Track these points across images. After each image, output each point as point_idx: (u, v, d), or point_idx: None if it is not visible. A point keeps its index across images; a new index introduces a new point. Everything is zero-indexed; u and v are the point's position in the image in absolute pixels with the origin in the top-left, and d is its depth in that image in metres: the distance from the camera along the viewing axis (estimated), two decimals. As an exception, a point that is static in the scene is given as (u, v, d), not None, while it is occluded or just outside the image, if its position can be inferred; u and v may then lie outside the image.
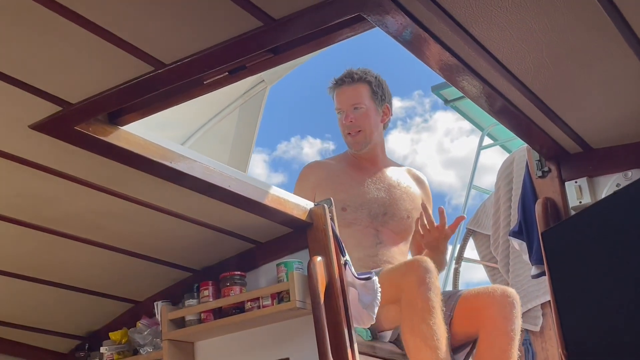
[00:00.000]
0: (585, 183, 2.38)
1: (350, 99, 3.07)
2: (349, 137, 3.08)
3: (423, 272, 2.48)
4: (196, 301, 2.63)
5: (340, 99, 3.09)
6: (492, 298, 2.58)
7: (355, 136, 3.06)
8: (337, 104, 3.10)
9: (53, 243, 2.41)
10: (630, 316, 1.80)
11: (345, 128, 3.08)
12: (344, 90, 3.09)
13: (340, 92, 3.09)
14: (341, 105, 3.08)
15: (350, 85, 3.08)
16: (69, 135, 1.89)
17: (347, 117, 3.05)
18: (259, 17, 1.57)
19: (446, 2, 1.60)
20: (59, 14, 1.50)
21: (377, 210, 2.97)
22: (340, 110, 3.09)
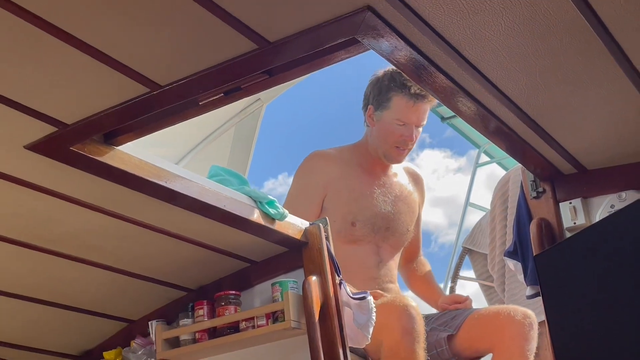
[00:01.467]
0: (579, 204, 2.38)
1: (422, 117, 2.93)
2: (396, 150, 2.95)
3: (407, 321, 2.48)
4: (191, 320, 2.62)
5: (412, 113, 2.90)
6: (513, 318, 2.60)
7: (404, 152, 2.96)
8: (405, 117, 2.91)
9: (47, 262, 2.41)
10: (623, 339, 1.80)
11: (401, 142, 2.93)
12: (420, 107, 2.91)
13: (416, 108, 2.89)
14: (410, 119, 2.91)
15: (426, 103, 2.92)
16: (65, 156, 1.90)
17: (411, 135, 2.91)
18: (254, 39, 1.58)
19: (440, 25, 1.61)
20: (54, 35, 1.51)
21: (380, 224, 2.94)
22: (404, 123, 2.91)
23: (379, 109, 2.95)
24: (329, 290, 2.42)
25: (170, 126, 1.96)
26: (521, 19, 1.61)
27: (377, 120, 2.96)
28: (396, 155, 2.97)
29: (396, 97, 2.91)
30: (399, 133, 2.92)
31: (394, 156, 2.98)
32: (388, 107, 2.93)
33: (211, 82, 1.71)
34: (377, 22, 1.55)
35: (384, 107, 2.94)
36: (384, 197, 2.98)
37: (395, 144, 2.94)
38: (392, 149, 2.95)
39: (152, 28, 1.54)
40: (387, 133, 2.94)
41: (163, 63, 1.65)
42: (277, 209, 2.40)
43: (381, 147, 2.97)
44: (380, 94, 2.95)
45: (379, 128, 2.96)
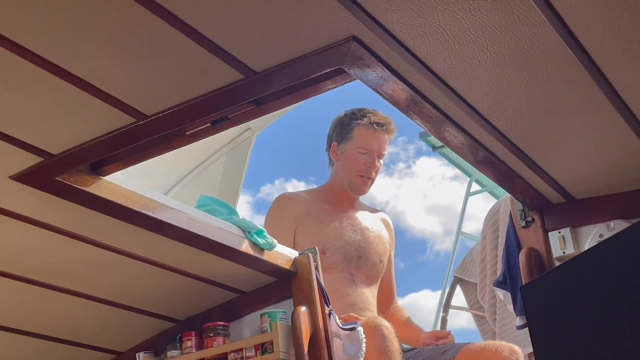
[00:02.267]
0: (568, 233, 2.38)
1: (382, 146, 3.06)
2: (361, 179, 3.06)
3: (382, 341, 2.49)
4: (179, 352, 2.59)
5: (373, 142, 3.03)
6: (499, 354, 2.60)
7: (367, 181, 3.06)
8: (366, 145, 3.04)
9: (33, 293, 2.38)
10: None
11: (364, 171, 3.04)
12: (381, 136, 3.05)
13: (376, 135, 3.03)
14: (371, 148, 3.03)
15: (386, 132, 3.05)
16: (51, 186, 1.89)
17: (374, 162, 3.03)
18: (240, 70, 1.58)
19: (426, 56, 1.62)
20: (40, 66, 1.51)
21: (352, 253, 2.99)
22: (367, 152, 3.03)
23: (342, 142, 3.08)
24: (318, 321, 2.40)
25: (158, 156, 1.95)
26: (506, 49, 1.62)
27: (341, 154, 3.09)
28: (361, 184, 3.06)
29: (357, 127, 3.05)
30: (362, 161, 3.04)
31: (359, 185, 3.07)
32: (351, 138, 3.06)
33: (198, 112, 1.71)
34: (362, 52, 1.55)
35: (347, 139, 3.07)
36: (352, 227, 3.06)
37: (359, 172, 3.05)
38: (356, 177, 3.05)
39: (138, 59, 1.54)
40: (351, 162, 3.05)
41: (149, 93, 1.65)
42: (266, 239, 2.40)
43: (346, 177, 3.08)
44: (343, 127, 3.09)
45: (343, 160, 3.09)
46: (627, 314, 1.73)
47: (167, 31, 1.46)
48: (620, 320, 1.76)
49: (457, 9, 1.48)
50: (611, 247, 1.87)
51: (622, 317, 1.75)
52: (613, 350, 1.77)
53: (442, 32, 1.54)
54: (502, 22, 1.54)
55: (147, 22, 1.43)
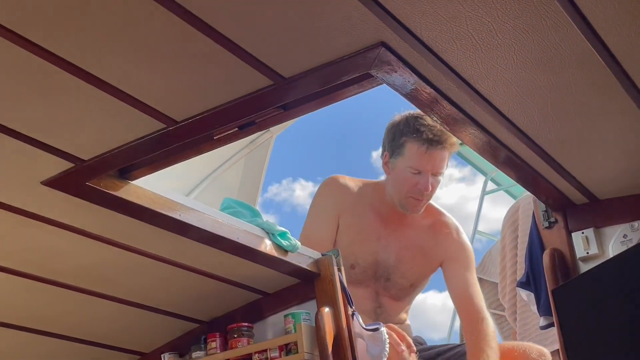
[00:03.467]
0: (592, 234, 2.38)
1: (437, 165, 2.70)
2: (411, 200, 2.75)
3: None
4: (203, 353, 2.62)
5: (426, 161, 2.68)
6: (528, 356, 2.57)
7: (420, 202, 2.75)
8: (418, 165, 2.69)
9: (61, 296, 2.41)
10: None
11: (415, 192, 2.72)
12: (436, 154, 2.68)
13: (430, 154, 2.67)
14: (424, 167, 2.69)
15: (442, 150, 2.69)
16: (81, 191, 1.91)
17: (426, 183, 2.69)
18: (269, 75, 1.60)
19: (453, 60, 1.63)
20: (72, 73, 1.53)
21: (381, 273, 2.86)
22: (417, 171, 2.70)
23: (394, 155, 2.77)
24: (341, 322, 2.42)
25: (185, 160, 1.98)
26: (533, 53, 1.63)
27: (392, 168, 2.78)
28: (412, 206, 2.77)
29: (409, 143, 2.71)
30: (413, 182, 2.72)
31: (410, 207, 2.78)
32: (402, 154, 2.73)
33: (227, 118, 1.72)
34: (390, 57, 1.57)
35: (398, 154, 2.75)
36: (388, 246, 2.85)
37: (410, 193, 2.74)
38: (407, 199, 2.76)
39: (168, 65, 1.56)
40: (401, 182, 2.74)
41: (179, 99, 1.67)
42: (290, 241, 2.41)
43: (396, 196, 2.79)
44: (394, 139, 2.76)
45: (393, 176, 2.78)
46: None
47: (198, 38, 1.47)
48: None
49: (485, 13, 1.49)
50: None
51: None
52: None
53: (470, 37, 1.55)
54: (529, 26, 1.55)
55: (178, 29, 1.45)
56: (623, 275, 1.86)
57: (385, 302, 2.88)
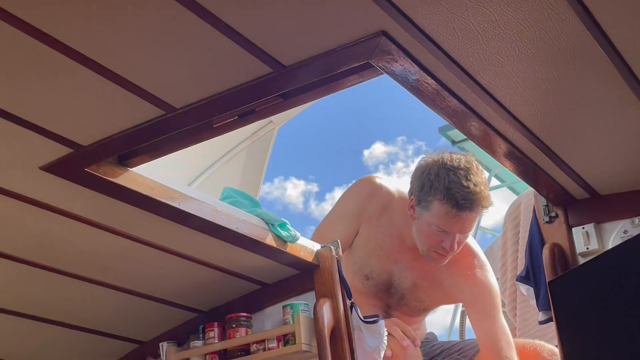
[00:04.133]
0: (592, 229, 2.37)
1: (467, 227, 2.58)
2: (435, 254, 2.63)
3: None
4: (202, 342, 2.62)
5: (454, 224, 2.55)
6: (539, 354, 2.57)
7: (445, 257, 2.65)
8: (445, 224, 2.55)
9: (59, 283, 2.41)
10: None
11: (440, 248, 2.61)
12: (464, 217, 2.54)
13: (460, 218, 2.53)
14: (451, 229, 2.56)
15: (473, 213, 2.54)
16: (79, 177, 1.91)
17: (452, 242, 2.57)
18: (269, 63, 1.59)
19: (454, 51, 1.62)
20: (71, 58, 1.53)
21: (394, 292, 2.81)
22: (444, 231, 2.57)
23: (420, 205, 2.61)
24: (340, 314, 2.42)
25: (185, 148, 1.97)
26: (535, 45, 1.62)
27: (418, 218, 2.63)
28: (435, 259, 2.65)
29: (437, 202, 2.54)
30: (438, 239, 2.60)
31: (433, 260, 2.66)
32: (428, 209, 2.57)
33: (226, 105, 1.72)
34: (391, 47, 1.56)
35: (425, 207, 2.59)
36: (403, 271, 2.77)
37: (434, 248, 2.62)
38: (430, 252, 2.64)
39: (168, 51, 1.56)
40: (426, 236, 2.61)
41: (179, 86, 1.66)
42: (289, 231, 2.41)
43: (420, 245, 2.66)
44: (422, 190, 2.59)
45: (418, 226, 2.64)
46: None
47: (198, 25, 1.47)
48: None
49: (487, 4, 1.48)
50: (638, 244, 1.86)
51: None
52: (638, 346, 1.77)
53: (472, 28, 1.54)
54: (531, 18, 1.54)
55: (179, 16, 1.44)
56: (620, 267, 1.86)
57: (396, 315, 2.82)
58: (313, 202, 25.38)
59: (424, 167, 2.63)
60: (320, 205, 21.53)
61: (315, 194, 21.60)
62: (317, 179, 33.09)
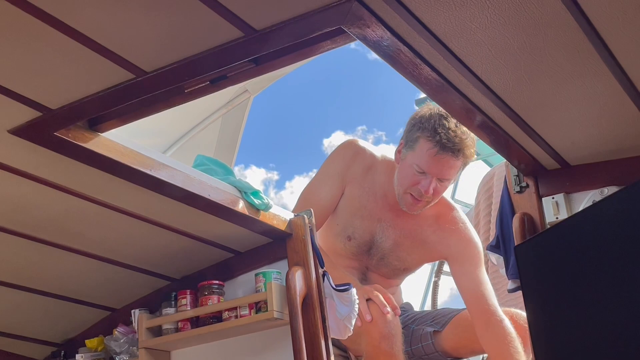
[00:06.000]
0: (562, 199, 2.40)
1: (445, 171, 2.62)
2: (409, 197, 2.68)
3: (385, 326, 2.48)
4: (174, 310, 2.63)
5: (434, 163, 2.60)
6: (516, 322, 2.59)
7: (418, 202, 2.69)
8: (426, 166, 2.61)
9: (29, 248, 2.40)
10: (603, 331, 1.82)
11: (415, 190, 2.65)
12: (447, 160, 2.59)
13: (440, 159, 2.59)
14: (431, 170, 2.61)
15: (453, 157, 2.60)
16: (48, 141, 1.89)
17: (428, 186, 2.62)
18: (240, 27, 1.58)
19: (426, 17, 1.61)
20: (40, 19, 1.50)
21: (375, 252, 2.85)
22: (424, 173, 2.62)
23: (406, 146, 2.68)
24: (312, 282, 2.43)
25: (156, 113, 1.95)
26: (506, 12, 1.61)
27: (402, 159, 2.70)
28: (408, 204, 2.70)
29: (422, 140, 2.61)
30: (415, 180, 2.64)
31: (406, 204, 2.71)
32: (413, 149, 2.64)
33: (197, 70, 1.70)
34: (363, 12, 1.55)
35: (410, 147, 2.66)
36: (386, 229, 2.81)
37: (409, 190, 2.67)
38: (405, 194, 2.69)
39: (138, 14, 1.53)
40: (405, 176, 2.67)
41: (149, 49, 1.64)
42: (262, 200, 2.41)
43: (397, 188, 2.72)
44: (411, 131, 2.67)
45: (400, 168, 2.71)
46: (619, 275, 1.75)
47: (168, -14, 1.45)
48: (612, 280, 1.78)
49: (459, -30, 1.48)
50: (604, 208, 1.88)
51: (615, 277, 1.77)
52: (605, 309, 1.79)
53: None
54: (504, -15, 1.53)
55: (148, -22, 1.42)
56: (586, 232, 1.87)
57: (374, 277, 2.87)
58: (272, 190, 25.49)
59: (416, 113, 2.71)
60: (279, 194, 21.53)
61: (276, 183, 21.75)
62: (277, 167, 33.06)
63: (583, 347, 1.88)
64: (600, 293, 1.79)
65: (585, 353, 1.89)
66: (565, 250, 1.90)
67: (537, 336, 2.01)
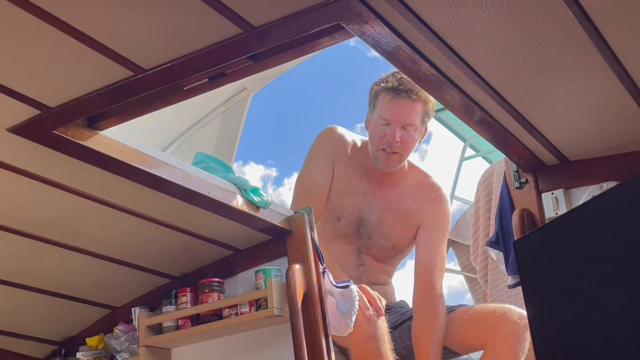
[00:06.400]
0: (561, 194, 2.40)
1: (407, 116, 2.73)
2: (382, 153, 2.78)
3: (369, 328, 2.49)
4: (174, 307, 2.63)
5: (394, 111, 2.73)
6: (509, 318, 2.59)
7: (391, 156, 2.78)
8: (387, 115, 2.74)
9: (30, 247, 2.40)
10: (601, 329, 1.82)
11: (384, 144, 2.76)
12: (403, 105, 2.72)
13: (397, 104, 2.72)
14: (392, 117, 2.73)
15: (411, 101, 2.72)
16: (48, 139, 1.89)
17: (394, 134, 2.73)
18: (238, 24, 1.57)
19: (425, 13, 1.61)
20: (39, 17, 1.50)
21: (364, 231, 2.89)
22: (387, 121, 2.74)
23: (370, 110, 2.84)
24: (312, 279, 2.43)
25: (155, 111, 1.95)
26: (504, 7, 1.61)
27: (369, 123, 2.85)
28: (383, 159, 2.80)
29: (380, 95, 2.78)
30: (382, 133, 2.76)
31: (381, 160, 2.81)
32: (375, 107, 2.80)
33: (196, 67, 1.70)
34: (361, 8, 1.55)
35: (373, 107, 2.82)
36: (372, 205, 2.88)
37: (380, 145, 2.78)
38: (377, 151, 2.80)
39: (136, 11, 1.53)
40: (373, 134, 2.80)
41: (147, 47, 1.64)
42: (262, 197, 2.41)
43: (371, 150, 2.83)
44: (370, 94, 2.84)
45: (369, 131, 2.84)
46: (619, 268, 1.76)
47: (166, -17, 1.45)
48: (612, 275, 1.78)
49: (457, -35, 1.48)
50: (603, 202, 1.88)
51: (614, 271, 1.77)
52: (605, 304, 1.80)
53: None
54: (502, -20, 1.53)
55: (146, -25, 1.42)
56: (585, 226, 1.88)
57: (367, 260, 2.91)
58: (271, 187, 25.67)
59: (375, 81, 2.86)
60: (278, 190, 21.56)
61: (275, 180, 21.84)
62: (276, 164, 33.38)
63: (583, 341, 1.88)
64: (600, 287, 1.79)
65: (586, 347, 1.89)
66: (564, 245, 1.91)
67: (537, 331, 2.01)
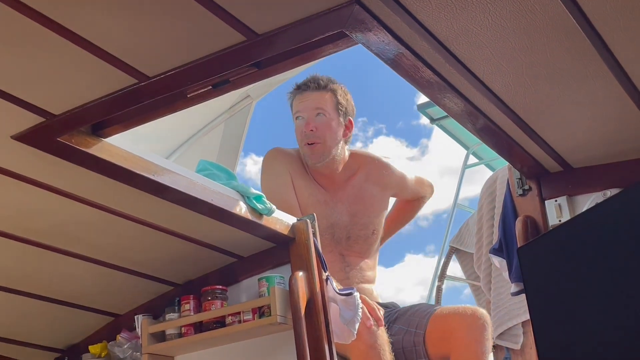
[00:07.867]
0: (565, 202, 2.40)
1: (314, 104, 2.89)
2: (306, 147, 2.90)
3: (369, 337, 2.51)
4: (177, 315, 2.63)
5: (302, 104, 2.90)
6: (463, 319, 2.62)
7: (314, 147, 2.89)
8: (297, 109, 2.91)
9: (33, 255, 2.40)
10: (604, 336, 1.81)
11: (304, 137, 2.90)
12: (308, 96, 2.90)
13: (302, 97, 2.91)
14: (302, 110, 2.90)
15: (315, 91, 2.90)
16: (52, 147, 1.89)
17: (307, 124, 2.88)
18: (242, 31, 1.58)
19: (428, 20, 1.62)
20: (44, 25, 1.51)
21: (340, 234, 2.92)
22: (300, 115, 2.91)
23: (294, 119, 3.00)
24: (315, 286, 2.43)
25: (159, 118, 1.96)
26: (508, 14, 1.62)
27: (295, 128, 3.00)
28: (307, 152, 2.91)
29: (292, 98, 2.96)
30: (300, 128, 2.91)
31: (307, 154, 2.92)
32: (292, 111, 2.97)
33: (199, 74, 1.71)
34: (365, 15, 1.55)
35: (293, 113, 2.98)
36: (335, 206, 2.94)
37: (303, 142, 2.91)
38: (303, 148, 2.92)
39: (140, 19, 1.54)
40: (296, 133, 2.94)
41: (151, 54, 1.65)
42: (265, 204, 2.41)
43: (300, 151, 2.96)
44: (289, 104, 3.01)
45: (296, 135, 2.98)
46: (622, 276, 1.75)
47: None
48: (615, 281, 1.78)
49: (460, -27, 1.48)
50: (607, 209, 1.88)
51: (618, 278, 1.77)
52: (609, 311, 1.79)
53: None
54: (505, -13, 1.54)
55: (151, -18, 1.43)
56: (588, 233, 1.88)
57: (352, 261, 2.95)
58: None
59: None
60: None
61: None
62: None
63: (587, 348, 1.88)
64: (604, 294, 1.79)
65: (589, 354, 1.88)
66: (568, 252, 1.90)
67: (541, 338, 2.00)
